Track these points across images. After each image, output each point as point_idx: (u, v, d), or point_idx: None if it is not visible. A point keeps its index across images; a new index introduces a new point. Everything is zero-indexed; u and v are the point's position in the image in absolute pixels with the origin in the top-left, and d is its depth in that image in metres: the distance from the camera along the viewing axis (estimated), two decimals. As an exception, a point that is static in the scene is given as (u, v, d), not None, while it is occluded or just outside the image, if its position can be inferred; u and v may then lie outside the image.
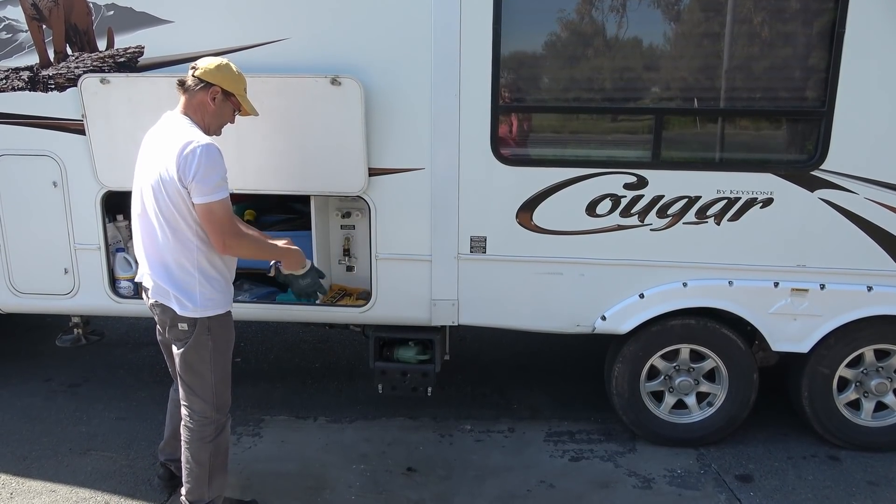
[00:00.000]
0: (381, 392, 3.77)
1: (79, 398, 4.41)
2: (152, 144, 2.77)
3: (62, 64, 3.56)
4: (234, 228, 2.71)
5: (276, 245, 2.93)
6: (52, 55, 3.56)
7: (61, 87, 3.58)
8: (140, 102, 3.46)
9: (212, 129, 2.84)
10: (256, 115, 2.98)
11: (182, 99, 2.80)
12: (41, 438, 3.90)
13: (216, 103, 2.78)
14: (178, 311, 2.77)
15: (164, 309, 2.82)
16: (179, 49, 3.47)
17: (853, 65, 3.22)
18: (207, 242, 2.74)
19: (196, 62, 2.82)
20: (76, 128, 3.60)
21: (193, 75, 2.76)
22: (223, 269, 2.84)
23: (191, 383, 2.88)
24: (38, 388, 4.54)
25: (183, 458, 2.96)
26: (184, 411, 2.93)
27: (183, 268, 2.75)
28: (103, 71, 3.51)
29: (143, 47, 3.50)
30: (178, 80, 2.81)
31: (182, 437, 2.95)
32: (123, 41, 3.50)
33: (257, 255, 2.89)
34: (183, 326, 2.80)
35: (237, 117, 2.98)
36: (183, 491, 3.00)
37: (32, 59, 3.58)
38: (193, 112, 2.78)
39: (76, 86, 3.50)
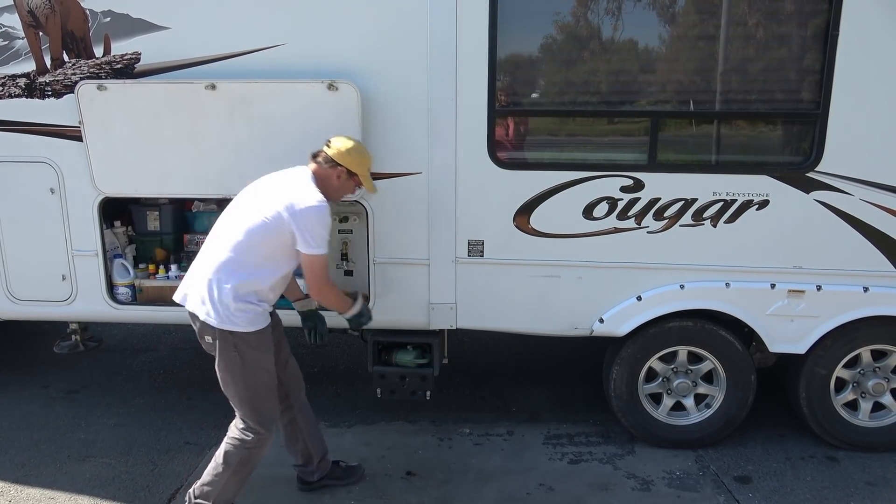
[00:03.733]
0: (379, 396, 3.77)
1: (77, 405, 4.40)
2: (272, 186, 2.93)
3: (59, 70, 3.56)
4: (327, 279, 3.01)
5: (348, 299, 3.19)
6: (48, 62, 3.56)
7: (58, 94, 3.58)
8: (137, 109, 3.47)
9: (332, 198, 3.01)
10: (374, 191, 3.19)
11: (312, 164, 3.01)
12: (39, 445, 3.89)
13: (340, 181, 3.01)
14: (211, 324, 2.84)
15: (195, 318, 2.91)
16: (176, 55, 3.47)
17: (847, 66, 3.23)
18: (262, 275, 2.86)
19: (331, 139, 3.02)
20: (73, 134, 3.60)
21: (326, 153, 2.97)
22: (263, 298, 2.92)
23: (229, 395, 2.97)
24: (37, 395, 4.53)
25: (216, 454, 3.02)
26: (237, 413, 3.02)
27: (227, 289, 2.82)
28: (100, 77, 3.52)
29: (140, 53, 3.50)
30: (312, 153, 3.03)
31: (227, 434, 3.01)
32: (120, 47, 3.51)
33: (338, 305, 3.12)
34: (208, 339, 2.90)
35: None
36: (196, 483, 3.04)
37: (29, 66, 3.58)
38: (319, 180, 2.98)
39: (73, 92, 3.50)
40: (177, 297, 2.99)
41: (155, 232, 4.07)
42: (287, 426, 3.31)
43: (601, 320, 3.65)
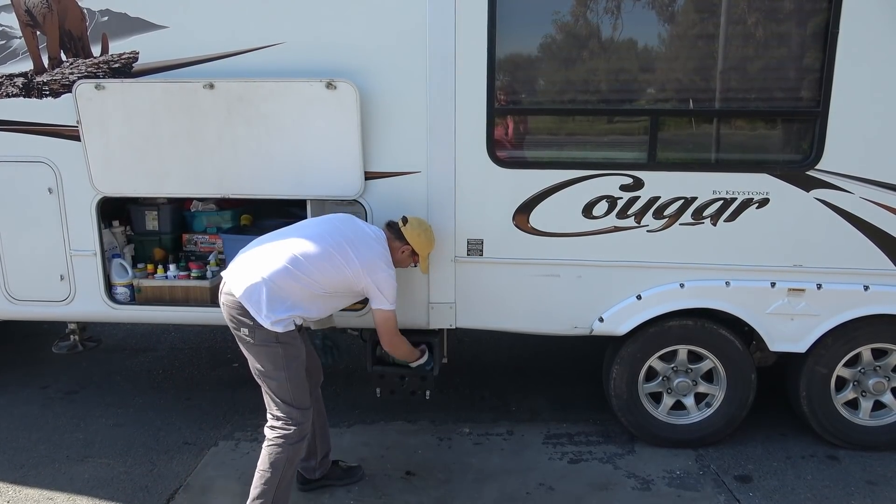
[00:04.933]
0: (379, 396, 3.76)
1: (76, 405, 4.39)
2: (356, 236, 3.08)
3: (57, 70, 3.55)
4: (397, 331, 3.21)
5: (416, 350, 3.45)
6: (46, 61, 3.55)
7: (56, 94, 3.57)
8: (135, 108, 3.46)
9: (396, 265, 3.21)
10: (426, 273, 3.49)
11: (388, 231, 3.24)
12: (38, 446, 3.89)
13: (403, 255, 3.26)
14: (259, 323, 2.88)
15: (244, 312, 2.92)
16: (174, 54, 3.46)
17: (847, 65, 3.23)
18: (311, 301, 2.98)
19: (409, 217, 3.28)
20: (71, 134, 3.59)
21: (401, 227, 3.25)
22: (310, 313, 3.03)
23: (270, 388, 2.99)
24: (35, 396, 4.52)
25: (258, 468, 2.98)
26: (268, 415, 3.01)
27: (279, 298, 2.89)
28: (98, 77, 3.51)
29: (138, 53, 3.49)
30: (388, 222, 3.31)
31: (265, 442, 2.98)
32: (118, 47, 3.50)
33: (407, 355, 3.39)
34: (245, 331, 2.93)
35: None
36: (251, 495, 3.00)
37: (27, 66, 3.57)
38: (390, 245, 3.21)
39: (71, 92, 3.49)
40: (227, 285, 2.98)
41: (153, 231, 4.07)
42: None
43: (601, 319, 3.64)
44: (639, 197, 3.47)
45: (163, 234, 4.07)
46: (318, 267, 2.94)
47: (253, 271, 2.91)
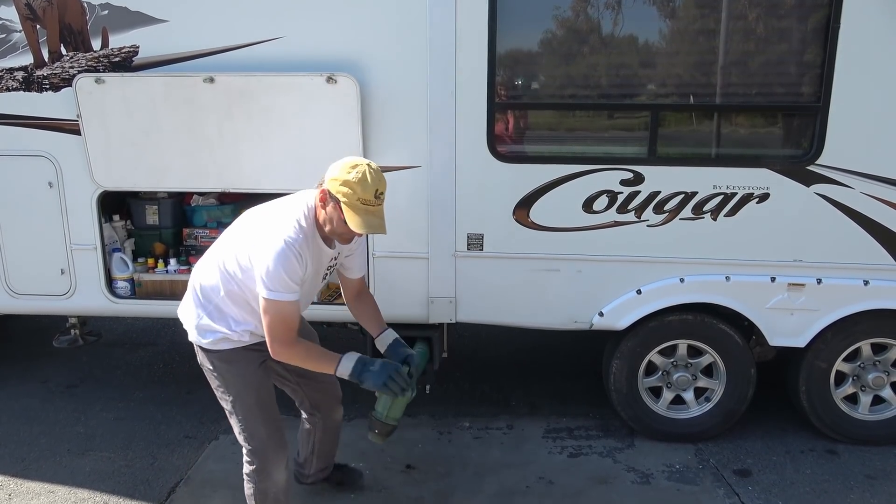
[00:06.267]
0: (379, 390, 3.77)
1: (77, 399, 4.40)
2: (267, 213, 2.57)
3: (57, 64, 3.55)
4: (286, 337, 2.47)
5: (325, 356, 2.63)
6: (46, 55, 3.55)
7: (56, 87, 3.57)
8: (135, 102, 3.46)
9: (331, 234, 2.53)
10: (358, 229, 2.42)
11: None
12: (39, 439, 3.89)
13: (325, 208, 2.46)
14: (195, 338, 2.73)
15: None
16: (174, 49, 3.46)
17: (848, 59, 3.22)
18: (239, 305, 2.60)
19: None
20: (71, 128, 3.59)
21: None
22: (240, 323, 2.63)
23: (226, 414, 2.79)
24: (36, 390, 4.53)
25: None
26: None
27: (200, 303, 2.68)
28: (98, 71, 3.50)
29: (138, 47, 3.49)
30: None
31: None
32: (118, 41, 3.49)
33: (309, 366, 2.65)
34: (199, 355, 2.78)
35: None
36: None
37: (27, 59, 3.57)
38: (316, 209, 2.53)
39: (71, 86, 3.49)
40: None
41: (154, 226, 4.06)
42: (307, 429, 3.21)
43: (601, 314, 3.65)
44: (639, 192, 3.47)
45: (163, 229, 4.06)
46: (233, 258, 2.52)
47: (189, 289, 2.73)
